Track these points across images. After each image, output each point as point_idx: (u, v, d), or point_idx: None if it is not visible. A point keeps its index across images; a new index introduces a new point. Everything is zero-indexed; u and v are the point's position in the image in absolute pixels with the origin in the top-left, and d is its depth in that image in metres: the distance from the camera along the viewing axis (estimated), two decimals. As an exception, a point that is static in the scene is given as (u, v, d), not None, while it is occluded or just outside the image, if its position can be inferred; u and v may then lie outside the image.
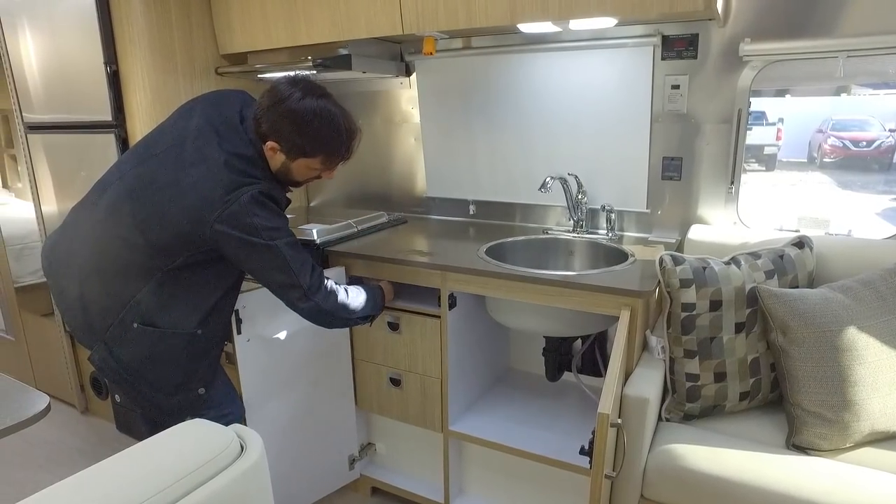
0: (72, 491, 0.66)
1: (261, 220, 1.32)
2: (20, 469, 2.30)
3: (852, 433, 1.36)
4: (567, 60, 1.96)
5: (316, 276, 1.44)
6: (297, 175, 1.44)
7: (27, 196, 2.53)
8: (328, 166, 1.44)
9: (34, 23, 2.16)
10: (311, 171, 1.43)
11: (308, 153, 1.38)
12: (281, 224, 1.37)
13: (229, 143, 1.35)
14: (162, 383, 1.41)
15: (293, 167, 1.41)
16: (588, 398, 1.98)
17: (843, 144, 8.52)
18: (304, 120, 1.33)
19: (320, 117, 1.35)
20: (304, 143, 1.36)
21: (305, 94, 1.34)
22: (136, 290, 1.34)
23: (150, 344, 1.36)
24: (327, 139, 1.37)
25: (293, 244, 1.40)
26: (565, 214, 2.10)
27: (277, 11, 2.02)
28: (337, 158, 1.43)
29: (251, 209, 1.31)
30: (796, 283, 1.54)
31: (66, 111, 2.20)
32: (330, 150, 1.40)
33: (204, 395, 1.46)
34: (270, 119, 1.34)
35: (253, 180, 1.34)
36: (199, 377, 1.44)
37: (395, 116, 2.41)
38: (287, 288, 1.41)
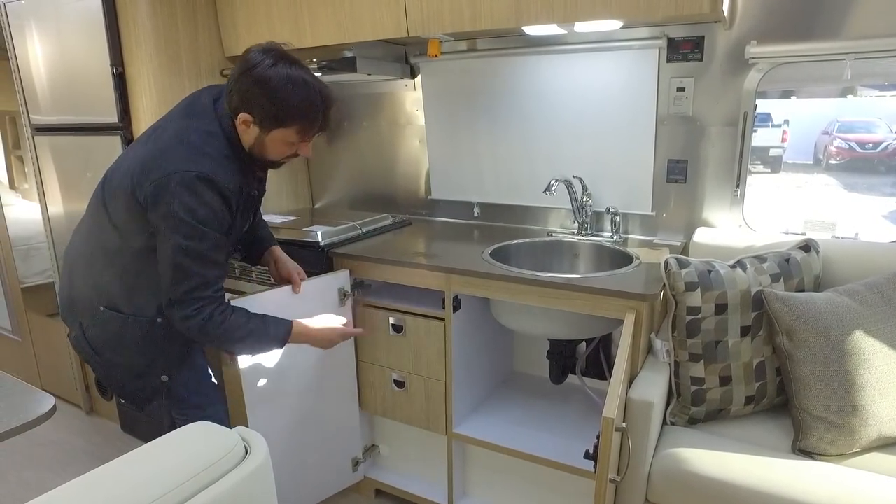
0: (78, 492, 0.67)
1: (179, 206, 1.24)
2: (26, 469, 2.31)
3: (859, 438, 1.35)
4: (572, 63, 1.96)
5: (193, 295, 1.31)
6: (272, 151, 1.36)
7: (34, 197, 2.55)
8: (304, 137, 1.36)
9: (42, 25, 2.17)
10: (287, 145, 1.36)
11: (283, 122, 1.31)
12: (201, 218, 1.26)
13: (195, 119, 1.34)
14: (125, 366, 1.44)
15: (268, 141, 1.34)
16: (592, 401, 1.97)
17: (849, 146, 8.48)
18: (276, 86, 1.27)
19: (294, 83, 1.28)
20: (277, 111, 1.29)
21: (277, 61, 1.28)
22: (105, 273, 1.38)
23: (114, 328, 1.40)
24: (302, 106, 1.30)
25: (190, 251, 1.27)
26: (570, 217, 2.10)
27: (282, 14, 2.03)
28: (313, 128, 1.35)
29: (176, 190, 1.24)
30: (802, 286, 1.53)
31: (72, 113, 2.21)
32: (306, 119, 1.32)
33: (168, 384, 1.47)
34: (241, 88, 1.29)
35: (203, 159, 1.27)
36: (161, 365, 1.45)
37: (399, 118, 2.41)
38: (164, 285, 1.32)
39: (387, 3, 1.82)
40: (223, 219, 1.31)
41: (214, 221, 1.29)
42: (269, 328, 1.44)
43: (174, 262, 1.29)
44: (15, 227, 2.70)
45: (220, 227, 1.31)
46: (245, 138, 1.35)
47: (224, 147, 1.32)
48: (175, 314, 1.33)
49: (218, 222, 1.30)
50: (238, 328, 1.38)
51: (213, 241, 1.30)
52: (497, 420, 1.87)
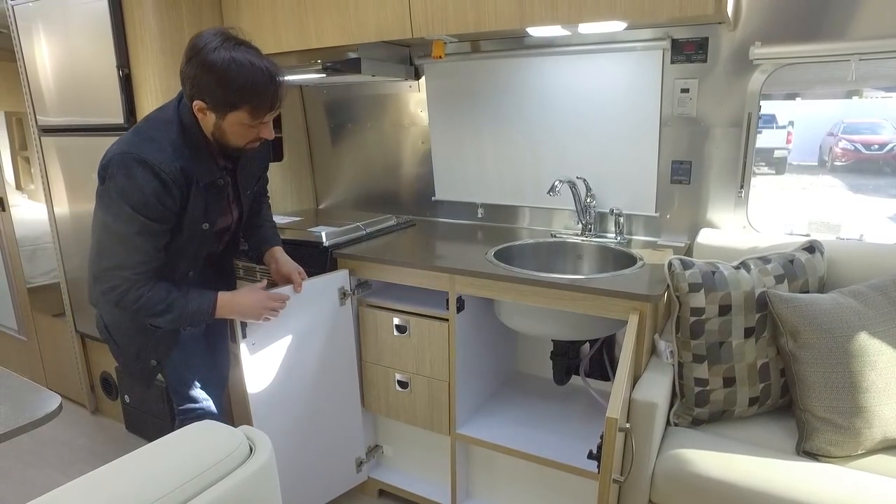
0: (83, 491, 0.67)
1: (112, 184, 1.28)
2: (32, 468, 2.32)
3: (864, 440, 1.35)
4: (576, 64, 1.96)
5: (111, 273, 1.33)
6: (232, 136, 1.36)
7: (40, 198, 2.56)
8: (257, 117, 1.34)
9: (49, 27, 2.19)
10: (245, 127, 1.35)
11: (234, 105, 1.30)
12: (133, 201, 1.28)
13: (157, 111, 1.39)
14: (126, 349, 1.54)
15: (225, 126, 1.34)
16: (596, 402, 1.97)
17: (854, 147, 8.45)
18: (221, 70, 1.26)
19: (238, 64, 1.27)
20: (225, 94, 1.28)
21: (221, 44, 1.28)
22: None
23: (109, 312, 1.51)
24: (249, 87, 1.28)
25: (113, 231, 1.31)
26: (574, 218, 2.10)
27: (287, 15, 2.04)
28: (264, 108, 1.33)
29: (113, 169, 1.28)
30: (807, 287, 1.53)
31: (78, 114, 2.23)
32: (255, 99, 1.30)
33: (156, 368, 1.55)
34: (190, 75, 1.30)
35: (145, 143, 1.30)
36: (150, 349, 1.52)
37: (403, 119, 2.42)
38: (90, 260, 1.37)
39: (391, 4, 1.82)
40: (157, 205, 1.31)
41: (145, 207, 1.29)
42: (191, 302, 1.42)
43: (97, 238, 1.35)
44: (21, 228, 2.71)
45: (151, 213, 1.31)
46: (205, 126, 1.36)
47: (174, 133, 1.34)
48: (95, 287, 1.39)
49: (149, 208, 1.30)
50: (157, 302, 1.37)
51: (139, 226, 1.30)
52: (500, 421, 1.87)
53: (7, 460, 2.36)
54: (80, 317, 2.54)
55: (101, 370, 2.59)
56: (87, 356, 2.64)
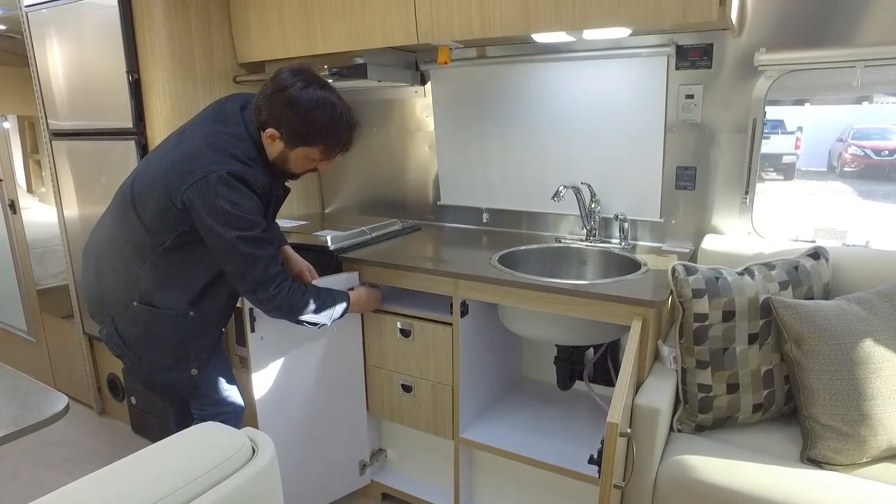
0: (86, 491, 0.68)
1: (223, 201, 1.32)
2: (39, 468, 2.34)
3: (869, 448, 1.34)
4: (581, 70, 1.97)
5: (268, 274, 1.42)
6: (294, 165, 1.45)
7: (50, 200, 2.59)
8: (327, 156, 1.44)
9: (61, 33, 2.22)
10: (309, 161, 1.44)
11: (308, 142, 1.39)
12: (246, 210, 1.35)
13: (222, 125, 1.41)
14: (158, 360, 1.51)
15: (291, 156, 1.42)
16: (599, 408, 1.97)
17: (864, 153, 8.38)
18: (306, 108, 1.35)
19: (322, 107, 1.36)
20: (305, 131, 1.37)
21: (308, 84, 1.36)
22: (136, 269, 1.44)
23: (147, 322, 1.47)
24: (328, 129, 1.38)
25: (249, 239, 1.37)
26: (578, 223, 2.10)
27: (295, 21, 2.06)
28: (336, 149, 1.44)
29: (216, 188, 1.32)
30: (811, 294, 1.53)
31: (88, 118, 2.26)
32: (330, 140, 1.41)
33: (196, 377, 1.55)
34: (272, 106, 1.36)
35: (232, 161, 1.35)
36: (191, 358, 1.52)
37: (409, 124, 2.43)
38: (235, 278, 1.43)
39: (397, 10, 1.84)
40: (261, 208, 1.41)
41: (257, 210, 1.38)
42: (336, 300, 1.60)
43: (240, 253, 1.37)
44: (32, 230, 2.75)
45: (262, 214, 1.41)
46: (270, 150, 1.42)
47: (250, 150, 1.40)
48: (259, 298, 1.43)
49: (259, 210, 1.40)
50: (314, 299, 1.52)
51: (262, 226, 1.40)
52: (504, 425, 1.88)
53: (15, 460, 2.39)
54: (88, 319, 2.56)
55: (108, 372, 2.61)
56: (95, 358, 2.66)
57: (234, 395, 1.66)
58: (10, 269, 2.80)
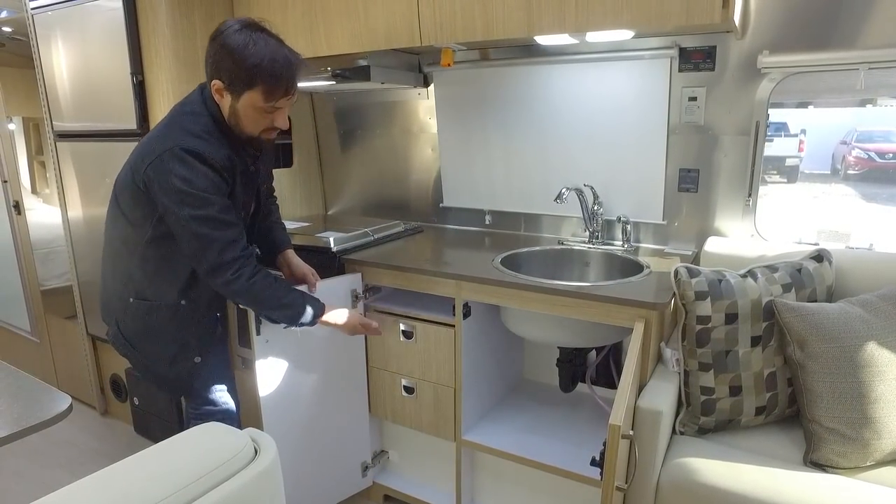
0: (89, 490, 0.68)
1: (176, 178, 1.30)
2: (41, 467, 2.35)
3: (873, 451, 1.34)
4: (584, 72, 1.97)
5: (224, 258, 1.36)
6: (246, 120, 1.37)
7: (54, 201, 2.60)
8: (270, 99, 1.34)
9: (66, 35, 2.23)
10: (258, 112, 1.36)
11: (248, 83, 1.32)
12: (199, 187, 1.31)
13: (182, 105, 1.41)
14: (160, 354, 1.52)
15: (240, 109, 1.36)
16: (602, 410, 1.97)
17: (868, 156, 8.36)
18: (240, 47, 1.30)
19: (256, 44, 1.30)
20: (240, 71, 1.31)
21: (243, 27, 1.32)
22: (128, 266, 1.46)
23: (144, 317, 1.49)
24: (265, 65, 1.31)
25: (202, 218, 1.32)
26: (581, 225, 2.10)
27: (298, 23, 2.06)
28: (278, 90, 1.34)
29: (170, 164, 1.30)
30: (814, 297, 1.52)
31: (93, 120, 2.26)
32: (269, 78, 1.32)
33: (200, 364, 1.55)
34: (210, 54, 1.34)
35: (187, 136, 1.33)
36: (192, 347, 1.53)
37: (412, 126, 2.44)
38: (193, 260, 1.39)
39: (401, 13, 1.84)
40: (220, 185, 1.35)
41: (213, 187, 1.34)
42: (306, 304, 1.52)
43: (192, 233, 1.33)
44: (36, 231, 2.76)
45: (219, 192, 1.35)
46: (223, 108, 1.39)
47: (208, 124, 1.38)
48: (217, 283, 1.39)
49: (216, 187, 1.34)
50: (283, 295, 1.47)
51: (219, 205, 1.34)
52: (506, 427, 1.87)
53: (18, 459, 2.39)
54: (91, 319, 2.57)
55: (112, 372, 2.62)
56: (98, 358, 2.67)
57: (227, 398, 1.66)
58: (15, 269, 2.81)
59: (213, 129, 1.38)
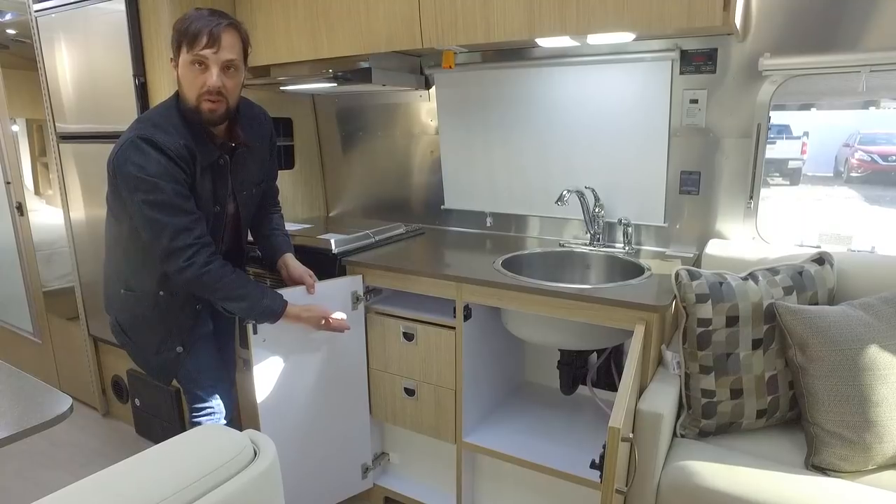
0: (89, 491, 0.68)
1: (131, 166, 1.33)
2: (43, 468, 2.35)
3: (875, 455, 1.33)
4: (585, 74, 1.97)
5: (176, 245, 1.37)
6: (184, 84, 1.40)
7: (57, 203, 2.61)
8: (193, 48, 1.35)
9: (69, 37, 2.24)
10: (190, 70, 1.37)
11: (178, 42, 1.37)
12: (151, 173, 1.33)
13: (161, 100, 1.47)
14: (147, 342, 1.57)
15: (180, 73, 1.40)
16: (603, 412, 1.96)
17: (871, 158, 8.35)
18: (178, 19, 1.38)
19: (188, 12, 1.38)
20: (175, 34, 1.37)
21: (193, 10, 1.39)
22: (117, 259, 1.52)
23: (131, 307, 1.55)
24: (189, 22, 1.36)
25: (153, 203, 1.34)
26: (582, 228, 2.10)
27: (300, 25, 2.07)
28: (200, 38, 1.35)
29: (127, 152, 1.35)
30: (816, 299, 1.52)
31: (95, 121, 2.27)
32: (190, 31, 1.35)
33: (182, 354, 1.58)
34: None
35: (148, 126, 1.37)
36: (174, 337, 1.56)
37: (413, 128, 2.44)
38: (149, 246, 1.41)
39: (402, 15, 1.85)
40: (174, 172, 1.37)
41: (166, 175, 1.36)
42: (266, 298, 1.52)
43: (145, 218, 1.37)
44: (38, 232, 2.76)
45: (172, 179, 1.37)
46: (178, 82, 1.42)
47: (172, 116, 1.42)
48: (170, 270, 1.41)
49: (170, 176, 1.36)
50: (238, 287, 1.46)
51: (171, 190, 1.36)
52: (507, 430, 1.87)
53: (20, 460, 2.40)
54: (93, 320, 2.58)
55: (113, 374, 2.62)
56: (100, 360, 2.67)
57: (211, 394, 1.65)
58: (17, 270, 2.82)
59: (178, 122, 1.41)
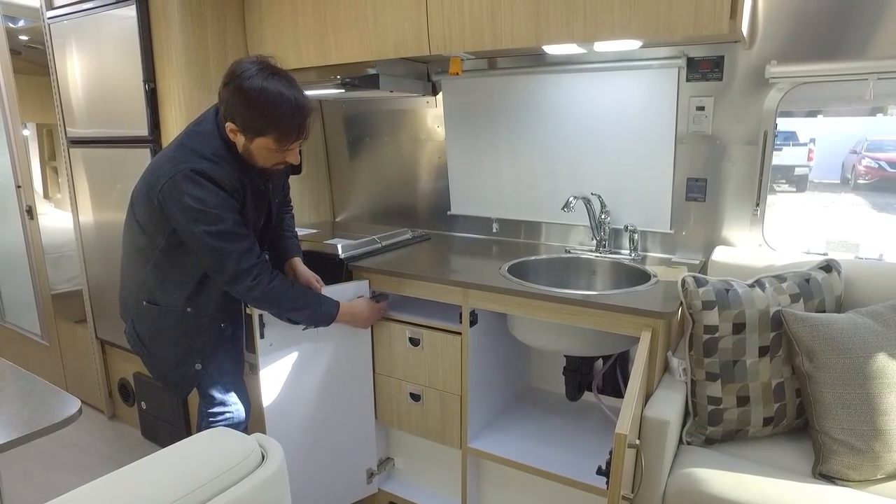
0: (97, 494, 0.69)
1: (188, 198, 1.36)
2: (49, 470, 2.36)
3: (883, 464, 1.32)
4: (592, 81, 1.98)
5: (242, 267, 1.43)
6: (258, 157, 1.43)
7: (66, 206, 2.63)
8: (283, 145, 1.41)
9: (81, 43, 2.27)
10: (271, 151, 1.42)
11: (261, 132, 1.38)
12: (211, 205, 1.37)
13: (196, 125, 1.47)
14: (166, 357, 1.58)
15: (253, 149, 1.42)
16: (608, 419, 1.96)
17: (878, 165, 8.30)
18: (253, 97, 1.34)
19: (268, 94, 1.34)
20: (254, 121, 1.36)
21: (258, 73, 1.36)
22: (142, 270, 1.52)
23: (154, 320, 1.56)
24: (277, 117, 1.36)
25: (216, 234, 1.39)
26: (588, 234, 2.10)
27: (308, 32, 2.08)
28: (290, 137, 1.40)
29: (182, 185, 1.36)
30: (823, 307, 1.51)
31: (105, 126, 2.29)
32: (281, 129, 1.38)
33: (201, 371, 1.60)
34: (225, 99, 1.39)
35: (198, 159, 1.38)
36: (195, 353, 1.58)
37: (420, 134, 2.45)
38: (212, 272, 1.47)
39: (410, 22, 1.86)
40: (230, 203, 1.42)
41: (224, 205, 1.40)
42: (323, 304, 1.63)
43: (210, 248, 1.40)
44: (47, 236, 2.78)
45: (231, 209, 1.42)
46: (238, 145, 1.43)
47: (219, 148, 1.43)
48: (239, 290, 1.46)
49: (227, 205, 1.41)
50: (298, 297, 1.56)
51: (231, 220, 1.41)
52: (512, 435, 1.87)
53: (27, 462, 2.41)
54: (100, 323, 2.59)
55: (120, 376, 2.64)
56: (107, 362, 2.69)
57: (232, 398, 1.67)
58: (26, 273, 2.84)
59: (224, 153, 1.43)
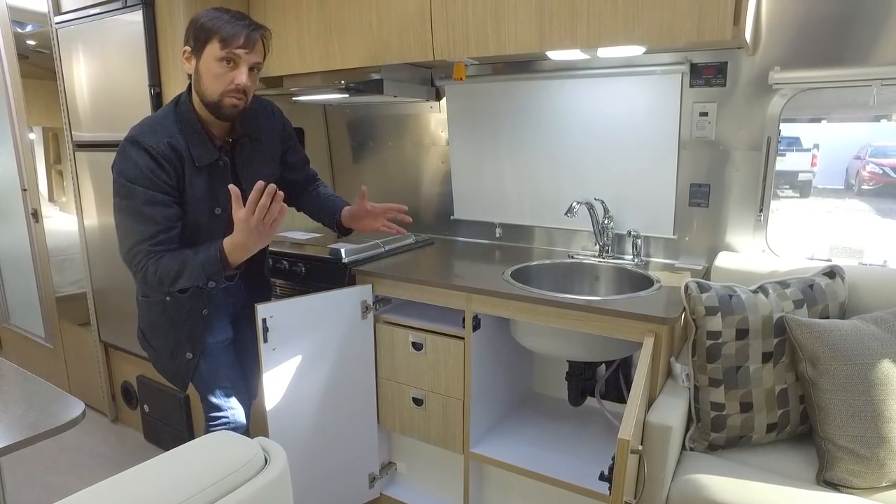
0: (99, 497, 0.69)
1: (114, 169, 1.37)
2: (52, 473, 2.37)
3: (888, 471, 1.32)
4: (595, 87, 1.98)
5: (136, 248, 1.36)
6: (207, 78, 1.38)
7: (71, 209, 2.65)
8: (227, 45, 1.34)
9: (88, 48, 2.28)
10: (218, 65, 1.36)
11: (208, 35, 1.35)
12: (128, 177, 1.34)
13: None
14: (162, 348, 1.59)
15: (202, 67, 1.38)
16: (611, 424, 1.95)
17: (882, 171, 8.28)
18: (201, 14, 1.38)
19: (215, 9, 1.39)
20: (201, 32, 1.36)
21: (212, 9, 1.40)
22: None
23: (147, 312, 1.57)
24: (222, 21, 1.36)
25: (123, 209, 1.36)
26: (591, 239, 2.10)
27: (313, 37, 2.10)
28: (235, 40, 1.34)
29: (117, 156, 1.37)
30: (827, 313, 1.51)
31: (111, 130, 2.31)
32: (226, 30, 1.34)
33: (192, 361, 1.58)
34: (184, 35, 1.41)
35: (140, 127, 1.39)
36: (184, 342, 1.56)
37: (424, 139, 2.46)
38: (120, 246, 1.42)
39: (414, 28, 1.87)
40: (153, 177, 1.35)
41: (143, 178, 1.35)
42: (199, 253, 1.38)
43: (117, 222, 1.39)
44: (52, 238, 2.80)
45: (150, 185, 1.35)
46: (189, 72, 1.42)
47: (168, 117, 1.42)
48: (131, 272, 1.42)
49: (147, 179, 1.35)
50: (172, 265, 1.37)
51: (144, 197, 1.35)
52: (514, 440, 1.87)
53: (30, 465, 2.41)
54: (104, 326, 2.60)
55: (123, 379, 2.64)
56: (110, 365, 2.69)
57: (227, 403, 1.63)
58: (31, 276, 2.85)
59: (171, 122, 1.41)
